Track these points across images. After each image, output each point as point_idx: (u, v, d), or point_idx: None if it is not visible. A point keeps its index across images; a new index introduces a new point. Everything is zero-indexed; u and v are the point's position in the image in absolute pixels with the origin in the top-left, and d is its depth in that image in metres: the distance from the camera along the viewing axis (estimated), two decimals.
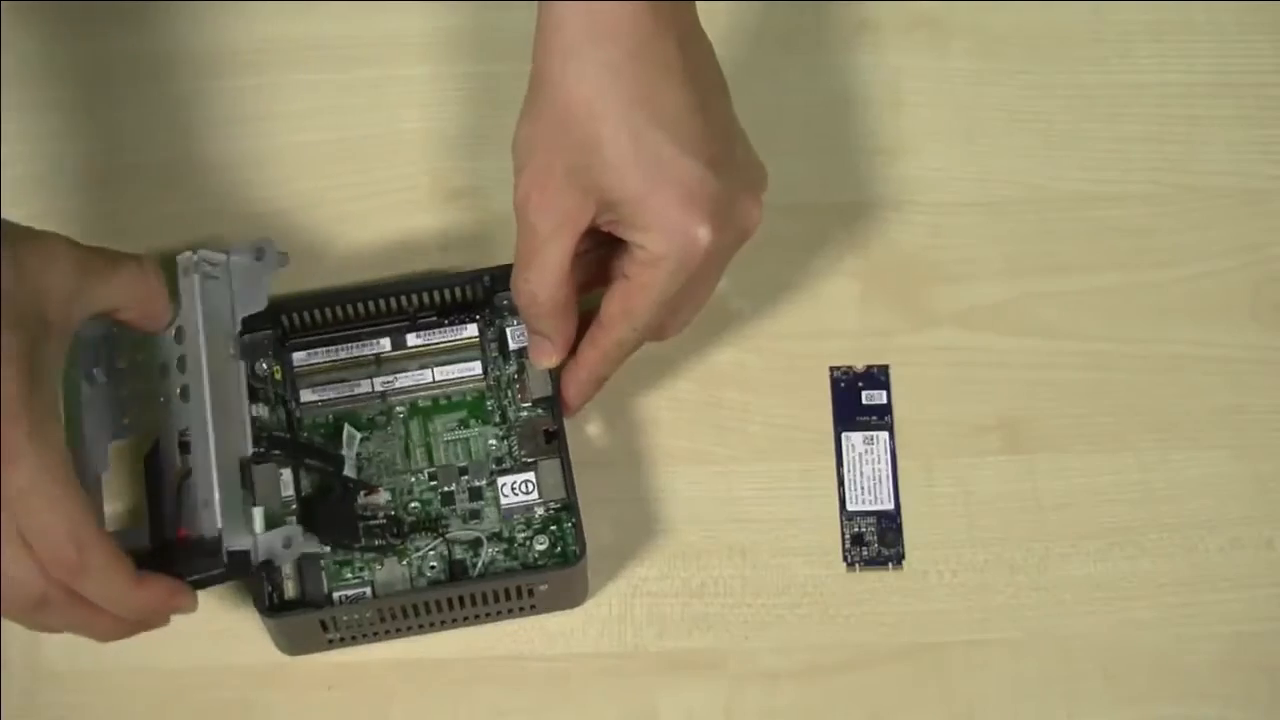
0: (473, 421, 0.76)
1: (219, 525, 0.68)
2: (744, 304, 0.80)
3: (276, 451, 0.72)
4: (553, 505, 0.73)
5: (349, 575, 0.73)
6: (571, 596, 0.74)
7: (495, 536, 0.73)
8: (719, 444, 0.77)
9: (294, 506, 0.72)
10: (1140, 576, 0.75)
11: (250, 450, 0.70)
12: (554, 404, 0.74)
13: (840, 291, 0.80)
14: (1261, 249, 0.81)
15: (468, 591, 0.71)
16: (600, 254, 0.72)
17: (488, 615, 0.73)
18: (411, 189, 0.82)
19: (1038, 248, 0.81)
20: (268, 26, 0.85)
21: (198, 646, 0.73)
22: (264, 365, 0.75)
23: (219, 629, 0.74)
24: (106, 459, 0.73)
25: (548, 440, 0.74)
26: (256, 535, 0.69)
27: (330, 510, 0.73)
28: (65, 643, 0.73)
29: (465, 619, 0.73)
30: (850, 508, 0.76)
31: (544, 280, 0.70)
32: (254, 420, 0.72)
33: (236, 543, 0.68)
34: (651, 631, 0.74)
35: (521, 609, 0.73)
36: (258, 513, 0.69)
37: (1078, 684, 0.73)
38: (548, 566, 0.72)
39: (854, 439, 0.77)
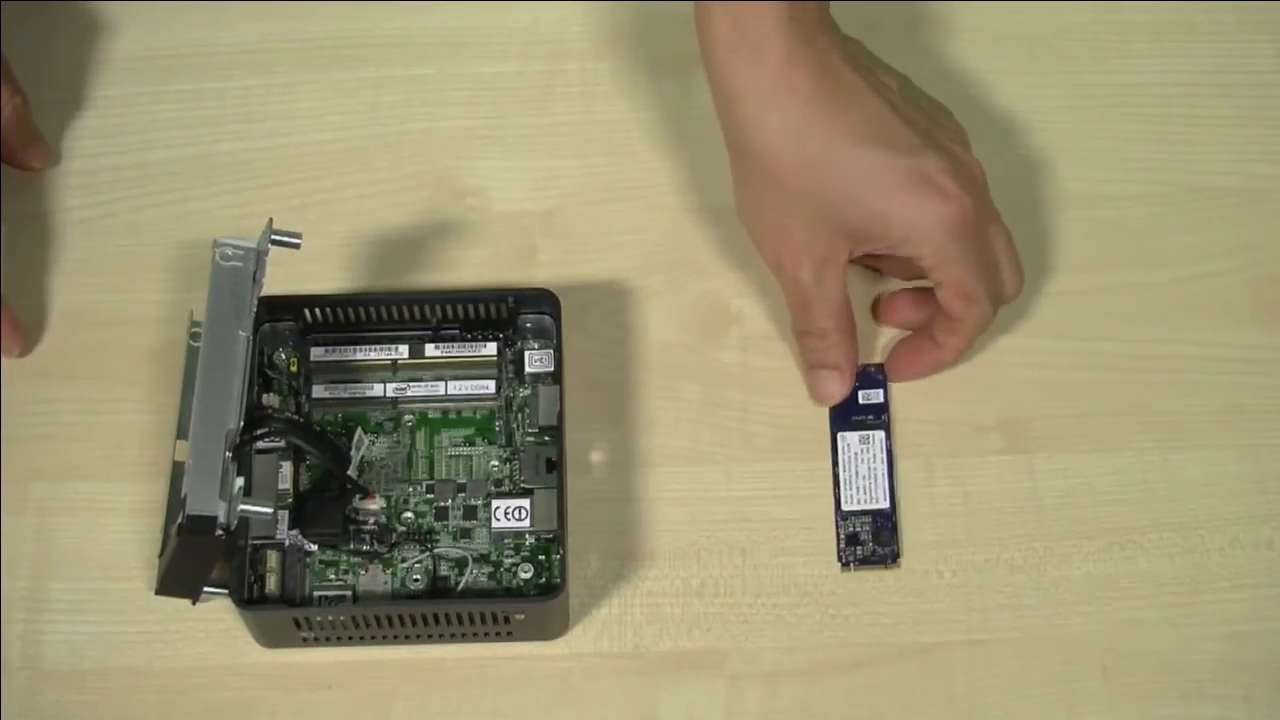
0: (479, 440, 0.75)
1: (184, 490, 0.67)
2: (744, 304, 0.80)
3: (279, 425, 0.72)
4: (544, 535, 0.73)
5: (333, 577, 0.73)
6: (548, 629, 0.73)
7: (483, 558, 0.73)
8: (719, 444, 0.77)
9: (289, 501, 0.73)
10: (1140, 576, 0.75)
11: (237, 425, 0.69)
12: (558, 434, 0.74)
13: None
14: (1261, 249, 0.81)
15: (442, 610, 0.71)
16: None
17: (463, 636, 0.73)
18: (416, 189, 0.82)
19: (1038, 248, 0.80)
20: (272, 26, 0.85)
21: (198, 646, 0.74)
22: (283, 355, 0.76)
23: (219, 629, 0.74)
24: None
25: (549, 469, 0.74)
26: (229, 502, 0.67)
27: (321, 507, 0.73)
28: (65, 643, 0.74)
29: (440, 636, 0.72)
30: (845, 507, 0.76)
31: (828, 313, 0.75)
32: (263, 407, 0.73)
33: (203, 508, 0.67)
34: (651, 631, 0.74)
35: (498, 634, 0.73)
36: (238, 482, 0.68)
37: (1078, 684, 0.73)
38: (528, 595, 0.72)
39: (850, 439, 0.77)
